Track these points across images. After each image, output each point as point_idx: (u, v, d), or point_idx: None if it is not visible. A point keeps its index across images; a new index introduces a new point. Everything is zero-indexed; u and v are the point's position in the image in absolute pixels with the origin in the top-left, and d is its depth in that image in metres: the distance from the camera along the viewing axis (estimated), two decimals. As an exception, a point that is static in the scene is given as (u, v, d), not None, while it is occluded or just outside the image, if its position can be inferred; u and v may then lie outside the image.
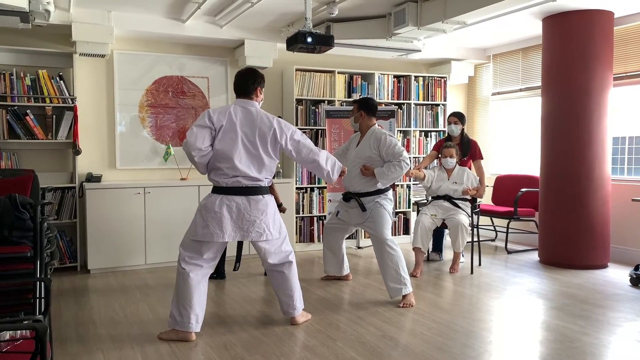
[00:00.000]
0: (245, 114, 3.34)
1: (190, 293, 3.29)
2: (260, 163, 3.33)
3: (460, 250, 5.11)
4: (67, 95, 5.17)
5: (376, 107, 4.39)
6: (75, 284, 4.78)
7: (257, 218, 3.31)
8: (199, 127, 3.26)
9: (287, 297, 3.55)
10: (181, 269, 3.33)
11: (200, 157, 3.28)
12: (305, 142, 3.44)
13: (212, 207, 3.29)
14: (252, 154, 3.31)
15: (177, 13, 5.24)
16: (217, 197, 3.31)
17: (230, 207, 3.28)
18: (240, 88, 3.43)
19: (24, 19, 4.23)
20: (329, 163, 3.52)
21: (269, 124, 3.34)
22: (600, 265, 5.24)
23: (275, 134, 3.33)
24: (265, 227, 3.33)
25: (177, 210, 5.38)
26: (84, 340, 3.34)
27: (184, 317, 3.28)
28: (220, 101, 6.08)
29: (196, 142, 3.23)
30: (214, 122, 3.27)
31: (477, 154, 5.41)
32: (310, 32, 4.28)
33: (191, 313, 3.28)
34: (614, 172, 5.61)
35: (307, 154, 3.44)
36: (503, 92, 6.99)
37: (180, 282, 3.32)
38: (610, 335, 3.40)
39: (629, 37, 5.50)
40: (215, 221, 3.26)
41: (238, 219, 3.29)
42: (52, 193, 5.12)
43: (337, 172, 3.59)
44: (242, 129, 3.30)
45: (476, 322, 3.65)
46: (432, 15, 4.94)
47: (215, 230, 3.26)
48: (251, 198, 3.32)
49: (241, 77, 3.44)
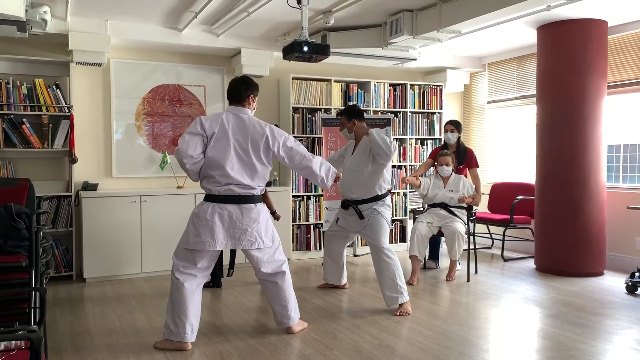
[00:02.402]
0: (237, 122, 3.34)
1: (185, 303, 3.27)
2: (253, 170, 3.33)
3: (456, 258, 5.11)
4: (63, 104, 5.17)
5: (362, 110, 4.43)
6: (71, 293, 4.75)
7: (249, 227, 3.30)
8: (190, 135, 3.25)
9: (281, 308, 3.53)
10: (175, 279, 3.32)
11: (192, 165, 3.27)
12: (298, 149, 3.43)
13: (204, 215, 3.28)
14: (245, 161, 3.31)
15: (173, 22, 5.25)
16: (209, 205, 3.30)
17: (222, 216, 3.27)
18: (233, 95, 3.43)
19: (21, 27, 4.24)
20: (322, 169, 3.51)
21: (261, 131, 3.33)
22: (596, 273, 5.24)
23: (268, 141, 3.33)
24: (257, 235, 3.32)
25: (174, 219, 5.37)
26: (80, 350, 3.32)
27: (179, 327, 3.27)
28: (217, 109, 6.08)
29: (188, 149, 3.22)
30: (206, 129, 3.26)
31: (473, 162, 5.42)
32: (306, 41, 4.30)
33: (186, 323, 3.27)
34: (609, 179, 5.63)
35: (300, 160, 3.43)
36: (498, 100, 7.02)
37: (175, 292, 3.30)
38: (607, 343, 3.40)
39: (623, 45, 5.54)
40: (207, 229, 3.25)
41: (230, 227, 3.28)
42: (48, 202, 5.10)
43: (332, 178, 3.58)
44: (235, 137, 3.30)
45: (473, 330, 3.65)
46: (428, 25, 4.98)
47: (207, 238, 3.25)
48: (243, 207, 3.30)
49: (234, 84, 3.45)
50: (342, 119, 4.39)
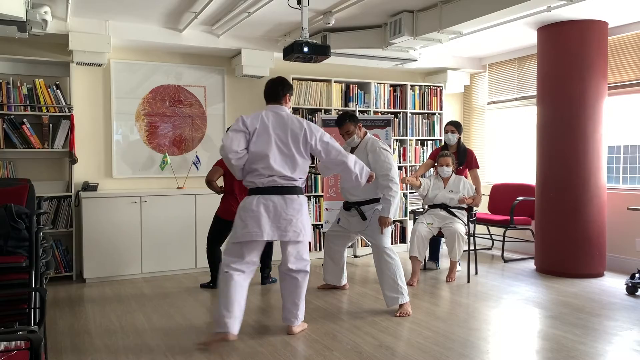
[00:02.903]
0: (276, 118, 3.48)
1: (232, 296, 3.37)
2: (294, 163, 3.45)
3: (456, 259, 5.10)
4: (63, 104, 5.17)
5: None
6: (71, 293, 4.75)
7: (294, 217, 3.41)
8: (234, 132, 3.39)
9: (292, 305, 3.60)
10: (224, 273, 3.41)
11: (237, 160, 3.38)
12: (334, 144, 3.56)
13: (249, 207, 3.39)
14: (286, 154, 3.43)
15: (174, 22, 5.26)
16: (254, 197, 3.41)
17: (267, 206, 3.38)
18: (270, 95, 3.59)
19: (21, 28, 4.24)
20: (357, 166, 3.63)
21: (299, 125, 3.48)
22: (597, 274, 5.24)
23: (306, 134, 3.46)
24: (301, 226, 3.45)
25: (174, 219, 5.37)
26: (79, 351, 3.32)
27: (225, 318, 3.36)
28: (217, 110, 6.09)
29: (232, 145, 3.34)
30: (248, 125, 3.40)
31: (473, 163, 5.42)
32: (306, 42, 4.30)
33: (232, 315, 3.36)
34: (610, 180, 5.63)
35: (336, 155, 3.55)
36: (499, 101, 7.02)
37: (223, 286, 3.41)
38: (607, 345, 3.40)
39: (623, 46, 5.54)
40: (254, 220, 3.36)
41: (275, 218, 3.38)
42: (48, 202, 5.10)
43: (366, 177, 3.68)
44: (275, 131, 3.44)
45: (473, 332, 3.65)
46: (428, 25, 4.98)
47: (254, 229, 3.35)
48: (287, 197, 3.42)
49: (272, 84, 3.61)
50: (348, 125, 4.26)
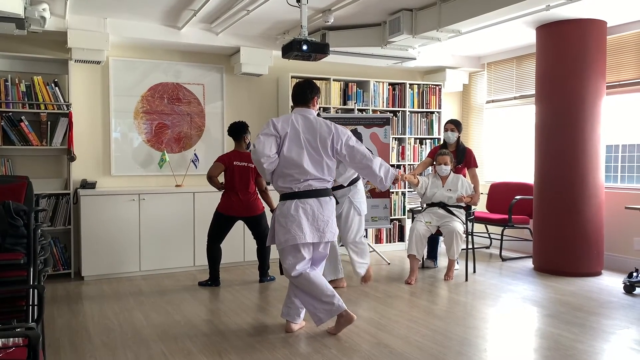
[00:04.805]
0: (305, 122, 3.52)
1: (319, 285, 3.43)
2: (325, 165, 3.50)
3: (455, 257, 5.11)
4: (62, 102, 5.16)
5: None
6: (69, 291, 4.75)
7: (330, 219, 3.50)
8: (265, 136, 3.42)
9: (299, 301, 3.62)
10: (296, 276, 3.45)
11: (269, 164, 3.42)
12: (359, 148, 3.56)
13: (288, 212, 3.42)
14: (315, 158, 3.48)
15: (173, 20, 5.25)
16: (292, 202, 3.44)
17: (305, 210, 3.43)
18: (298, 98, 3.62)
19: (20, 25, 4.23)
20: (382, 170, 3.62)
21: (327, 129, 3.51)
22: (594, 273, 5.25)
23: (334, 138, 3.50)
24: (335, 227, 3.54)
25: (172, 217, 5.37)
26: (77, 348, 3.32)
27: (333, 301, 3.42)
28: (215, 108, 6.08)
29: (264, 149, 3.38)
30: (279, 130, 3.44)
31: (471, 162, 5.42)
32: (305, 40, 4.30)
33: (334, 296, 3.42)
34: (608, 179, 5.63)
35: (361, 159, 3.56)
36: (497, 100, 7.03)
37: (306, 285, 3.45)
38: (605, 343, 3.41)
39: (622, 46, 5.55)
40: (295, 224, 3.40)
41: (314, 221, 3.44)
42: (46, 199, 5.10)
43: (390, 180, 3.68)
44: (305, 136, 3.48)
45: (471, 330, 3.65)
46: (427, 24, 4.98)
47: (297, 232, 3.40)
48: (322, 200, 3.49)
49: (300, 88, 3.63)
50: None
